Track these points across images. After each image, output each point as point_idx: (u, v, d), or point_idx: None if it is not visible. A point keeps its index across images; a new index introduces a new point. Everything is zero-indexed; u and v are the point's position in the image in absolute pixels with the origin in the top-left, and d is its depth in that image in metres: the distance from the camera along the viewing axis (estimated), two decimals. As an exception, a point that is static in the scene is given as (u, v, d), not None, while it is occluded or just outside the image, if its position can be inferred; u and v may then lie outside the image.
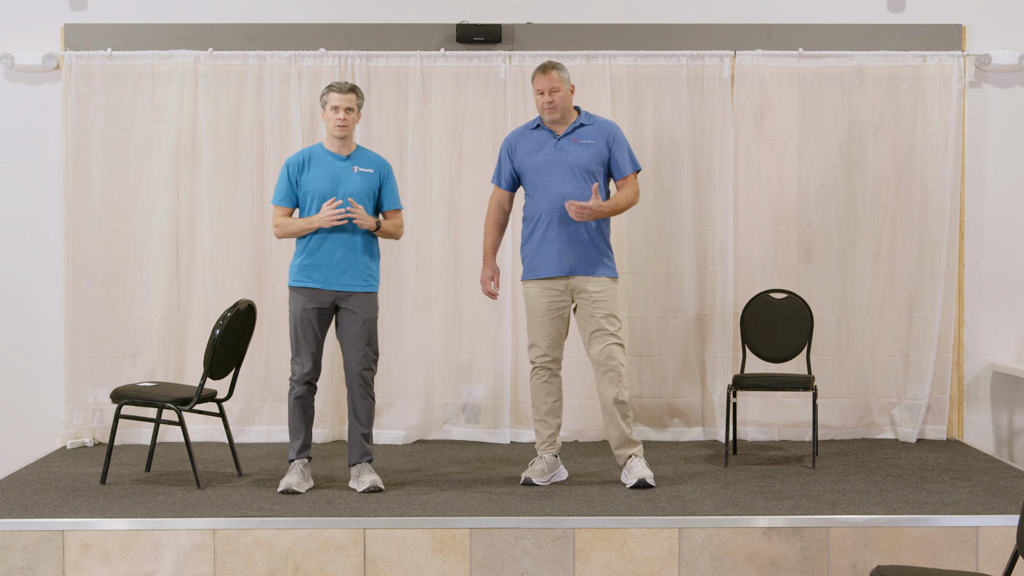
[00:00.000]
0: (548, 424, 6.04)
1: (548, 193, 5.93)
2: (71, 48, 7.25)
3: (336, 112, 5.84)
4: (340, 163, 5.90)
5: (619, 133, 6.04)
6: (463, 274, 7.34)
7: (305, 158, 5.93)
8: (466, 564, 5.25)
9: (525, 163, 6.02)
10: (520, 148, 6.05)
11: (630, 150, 6.05)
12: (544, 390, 6.03)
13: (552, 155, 5.96)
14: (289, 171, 5.92)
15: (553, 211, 5.92)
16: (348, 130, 5.87)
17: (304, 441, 5.95)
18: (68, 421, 7.22)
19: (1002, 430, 7.52)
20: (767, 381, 6.58)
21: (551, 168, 5.94)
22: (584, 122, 6.00)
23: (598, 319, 5.92)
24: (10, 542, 5.23)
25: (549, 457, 6.03)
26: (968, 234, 7.42)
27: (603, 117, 6.16)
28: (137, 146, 7.28)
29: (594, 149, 5.96)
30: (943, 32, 7.32)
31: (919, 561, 5.25)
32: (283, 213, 5.94)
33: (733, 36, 7.34)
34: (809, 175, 7.33)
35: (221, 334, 5.92)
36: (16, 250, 7.38)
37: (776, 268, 7.33)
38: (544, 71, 5.91)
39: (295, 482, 5.84)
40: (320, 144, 5.97)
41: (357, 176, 5.89)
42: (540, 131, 6.04)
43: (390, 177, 6.01)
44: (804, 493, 5.81)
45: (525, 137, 6.07)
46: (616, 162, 6.00)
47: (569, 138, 5.97)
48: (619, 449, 6.02)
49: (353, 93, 5.88)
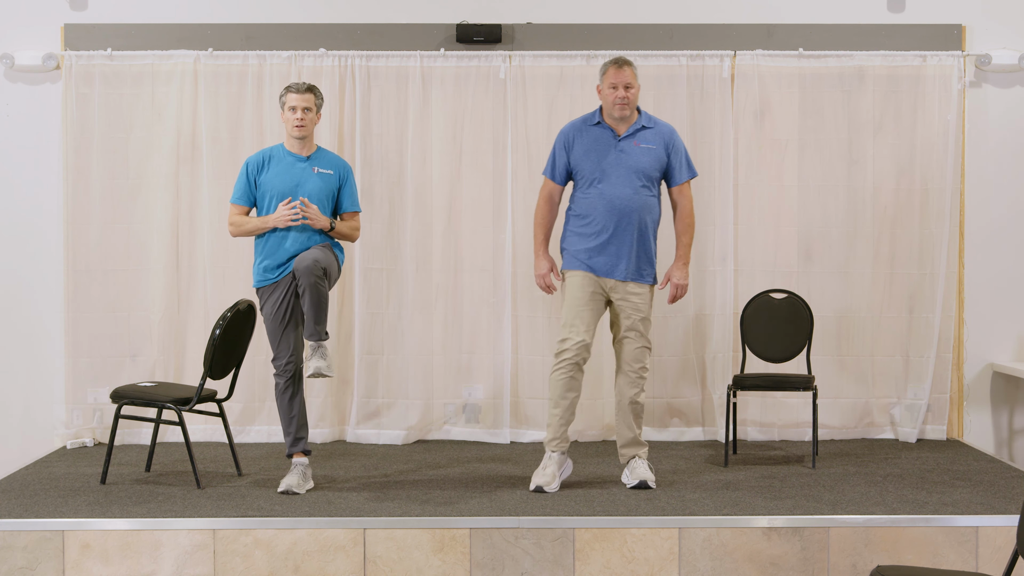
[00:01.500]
0: (565, 421, 5.91)
1: (605, 195, 5.87)
2: (71, 48, 7.25)
3: (294, 112, 5.83)
4: (300, 163, 5.90)
5: (677, 139, 6.00)
6: (463, 274, 7.34)
7: (265, 158, 5.93)
8: (466, 564, 5.25)
9: (583, 160, 5.93)
10: (579, 143, 5.97)
11: (688, 156, 6.02)
12: (567, 385, 5.87)
13: (613, 156, 5.89)
14: (248, 170, 5.92)
15: (610, 215, 5.86)
16: (306, 130, 5.87)
17: (297, 434, 5.93)
18: (68, 421, 7.22)
19: (1002, 430, 7.52)
20: (767, 381, 6.58)
21: (612, 170, 5.88)
22: (646, 124, 5.95)
23: (635, 321, 5.92)
24: (10, 542, 5.24)
25: (558, 456, 5.94)
26: (968, 234, 7.42)
27: (662, 120, 6.09)
28: (137, 146, 7.28)
29: (655, 155, 5.91)
30: (943, 32, 7.32)
31: (919, 561, 5.25)
32: (239, 211, 5.94)
33: (733, 36, 7.34)
34: (809, 175, 7.33)
35: (221, 334, 5.92)
36: (16, 250, 7.38)
37: (776, 268, 7.33)
38: (620, 65, 5.84)
39: (295, 483, 5.84)
40: (281, 144, 5.98)
41: (316, 177, 5.89)
42: (600, 128, 5.95)
43: (350, 179, 6.00)
44: (804, 493, 5.81)
45: (584, 132, 5.98)
46: (673, 169, 5.96)
47: (630, 140, 5.91)
48: (625, 448, 6.02)
49: (311, 93, 5.87)
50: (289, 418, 5.93)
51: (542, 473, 5.91)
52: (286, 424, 5.95)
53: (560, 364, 5.89)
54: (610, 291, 5.95)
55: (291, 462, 5.98)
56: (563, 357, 5.89)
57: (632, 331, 5.94)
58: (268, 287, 5.89)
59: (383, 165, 7.31)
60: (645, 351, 5.97)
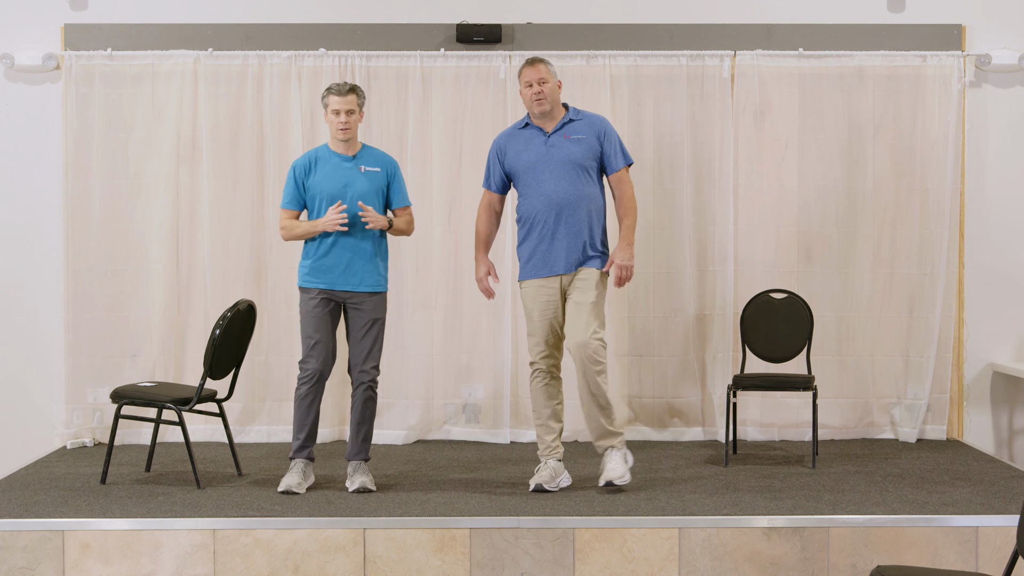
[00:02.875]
0: (551, 429, 5.95)
1: (542, 192, 5.85)
2: (71, 48, 7.25)
3: (338, 116, 5.82)
4: (346, 164, 5.89)
5: (609, 127, 5.96)
6: (463, 274, 7.34)
7: (311, 160, 5.92)
8: (466, 564, 5.25)
9: (516, 163, 5.94)
10: (510, 148, 5.98)
11: (621, 144, 5.98)
12: (545, 393, 5.94)
13: (543, 153, 5.88)
14: (296, 174, 5.91)
15: (549, 210, 5.84)
16: (351, 133, 5.85)
17: (305, 442, 5.94)
18: (68, 421, 7.22)
19: (1002, 430, 7.52)
20: (767, 381, 6.58)
21: (543, 166, 5.87)
22: (573, 117, 5.93)
23: (583, 308, 5.79)
24: (10, 542, 5.23)
25: (554, 463, 5.92)
26: (968, 234, 7.42)
27: (591, 112, 6.09)
28: (137, 146, 7.28)
29: (585, 144, 5.88)
30: (943, 32, 7.32)
31: (919, 561, 5.25)
32: (290, 216, 5.93)
33: (733, 36, 7.34)
34: (809, 175, 7.33)
35: (221, 334, 5.92)
36: (16, 250, 7.38)
37: (776, 268, 7.33)
38: (531, 63, 5.86)
39: (295, 483, 5.84)
40: (325, 145, 5.96)
41: (364, 176, 5.88)
42: (529, 129, 5.96)
43: (397, 174, 6.00)
44: (804, 493, 5.81)
45: (514, 137, 6.00)
46: (607, 157, 5.93)
47: (559, 134, 5.89)
48: (598, 441, 5.92)
49: (353, 94, 5.85)
50: (302, 424, 5.91)
51: (540, 473, 5.91)
52: (298, 429, 5.92)
53: (533, 374, 5.97)
54: (564, 287, 5.89)
55: (291, 462, 5.98)
56: (534, 367, 5.96)
57: (578, 316, 5.79)
58: (313, 290, 5.86)
59: (383, 165, 7.31)
60: (596, 339, 5.78)
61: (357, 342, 5.89)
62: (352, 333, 5.91)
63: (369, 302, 5.88)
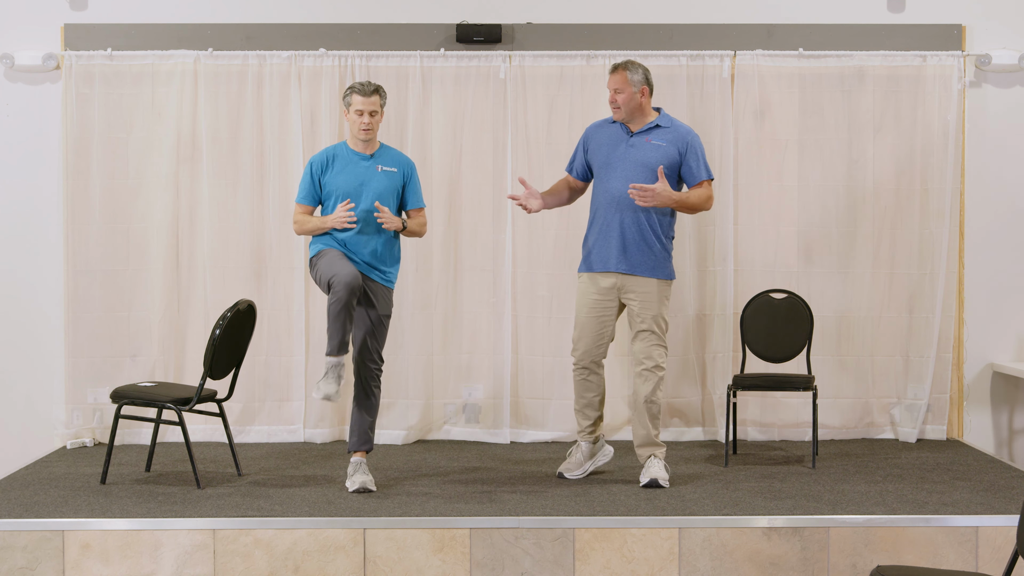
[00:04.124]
0: (587, 416, 6.13)
1: (608, 188, 5.93)
2: (71, 48, 7.25)
3: (360, 116, 5.81)
4: (364, 162, 5.89)
5: (695, 140, 6.00)
6: (463, 274, 7.34)
7: (329, 157, 5.92)
8: (466, 564, 5.25)
9: (595, 155, 6.03)
10: (594, 140, 6.06)
11: (705, 158, 6.02)
12: (583, 386, 6.10)
13: (622, 151, 5.95)
14: (313, 170, 5.91)
15: (610, 206, 5.91)
16: (372, 133, 5.86)
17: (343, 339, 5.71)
18: (68, 421, 7.22)
19: (1002, 430, 7.52)
20: (767, 381, 6.58)
21: (617, 163, 5.93)
22: (661, 123, 5.99)
23: (644, 318, 5.93)
24: (10, 542, 5.23)
25: (586, 446, 6.14)
26: (968, 234, 7.42)
27: (684, 124, 6.14)
28: (137, 146, 7.28)
29: (664, 152, 5.92)
30: (943, 32, 7.32)
31: (919, 561, 5.25)
32: (304, 211, 5.94)
33: (733, 36, 7.34)
34: (809, 175, 7.33)
35: (221, 334, 5.92)
36: (16, 250, 7.38)
37: (776, 268, 7.33)
38: (613, 70, 5.96)
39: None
40: (344, 143, 5.96)
41: (381, 175, 5.88)
42: (616, 126, 6.04)
43: (414, 175, 6.00)
44: (804, 493, 5.81)
45: (602, 130, 6.08)
46: (689, 168, 5.96)
47: (642, 136, 5.96)
48: (641, 448, 6.05)
49: (377, 95, 5.84)
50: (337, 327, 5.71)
51: (567, 462, 6.17)
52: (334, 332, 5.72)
53: (575, 367, 6.12)
54: (619, 290, 5.97)
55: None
56: (575, 363, 6.11)
57: (643, 331, 5.95)
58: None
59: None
60: (656, 348, 5.95)
61: (366, 337, 5.87)
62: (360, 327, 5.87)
63: (379, 294, 5.88)
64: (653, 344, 5.95)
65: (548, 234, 7.29)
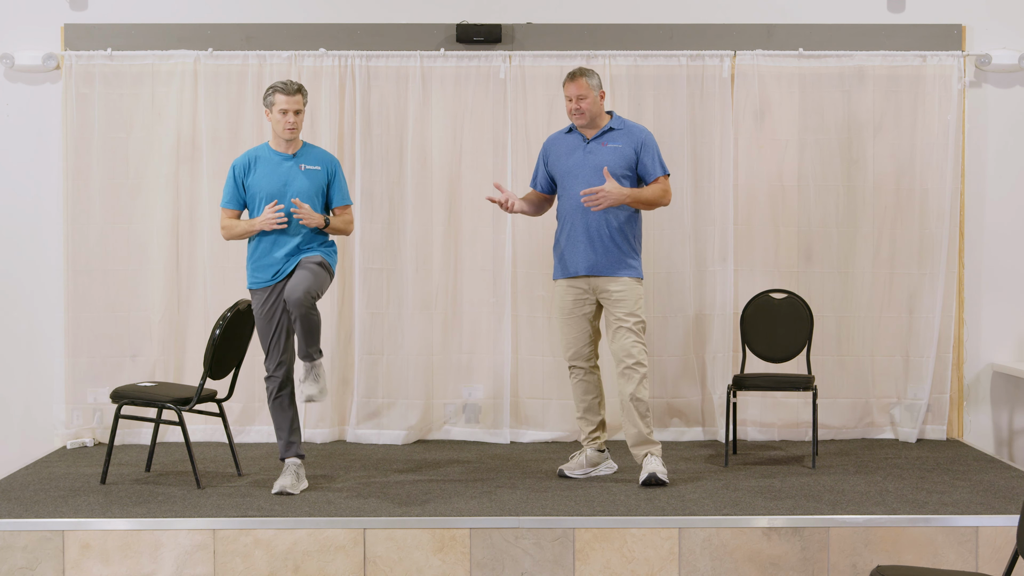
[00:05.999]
0: (589, 421, 6.18)
1: (572, 195, 6.01)
2: (71, 48, 7.25)
3: (285, 115, 5.79)
4: (286, 162, 5.87)
5: (649, 138, 6.07)
6: (463, 274, 7.34)
7: (251, 159, 5.90)
8: (466, 564, 5.25)
9: (556, 166, 6.13)
10: (553, 152, 6.17)
11: (659, 155, 6.08)
12: (581, 388, 6.16)
13: (580, 158, 6.04)
14: (235, 173, 5.90)
15: (575, 211, 6.00)
16: (296, 132, 5.85)
17: (289, 438, 5.92)
18: (68, 421, 7.22)
19: (1002, 430, 7.52)
20: (767, 381, 6.58)
21: (578, 171, 6.02)
22: (614, 126, 6.06)
23: (619, 316, 5.98)
24: (10, 542, 5.23)
25: (591, 452, 6.17)
26: (968, 234, 7.42)
27: (636, 123, 6.20)
28: (137, 146, 7.28)
29: (621, 153, 6.00)
30: (943, 32, 7.32)
31: (919, 561, 5.25)
32: (230, 215, 5.93)
33: (733, 36, 7.34)
34: (809, 175, 7.33)
35: (221, 334, 5.92)
36: (16, 250, 7.38)
37: (776, 268, 7.33)
38: (572, 78, 5.99)
39: (288, 484, 5.83)
40: (266, 144, 5.95)
41: (304, 175, 5.87)
42: (573, 135, 6.14)
43: (338, 173, 5.98)
44: (804, 493, 5.81)
45: (559, 141, 6.18)
46: (644, 166, 6.03)
47: (598, 142, 6.04)
48: (636, 447, 6.05)
49: (300, 94, 5.83)
50: (282, 422, 5.92)
51: (572, 460, 6.22)
52: (279, 428, 5.94)
53: (569, 370, 6.21)
54: (594, 291, 6.04)
55: (284, 463, 5.98)
56: (569, 365, 6.18)
57: (619, 328, 5.99)
58: (260, 290, 5.88)
59: (383, 165, 7.31)
60: (635, 345, 5.97)
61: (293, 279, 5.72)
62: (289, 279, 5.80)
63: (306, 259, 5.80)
64: (631, 341, 5.97)
65: (548, 234, 7.25)
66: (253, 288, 5.91)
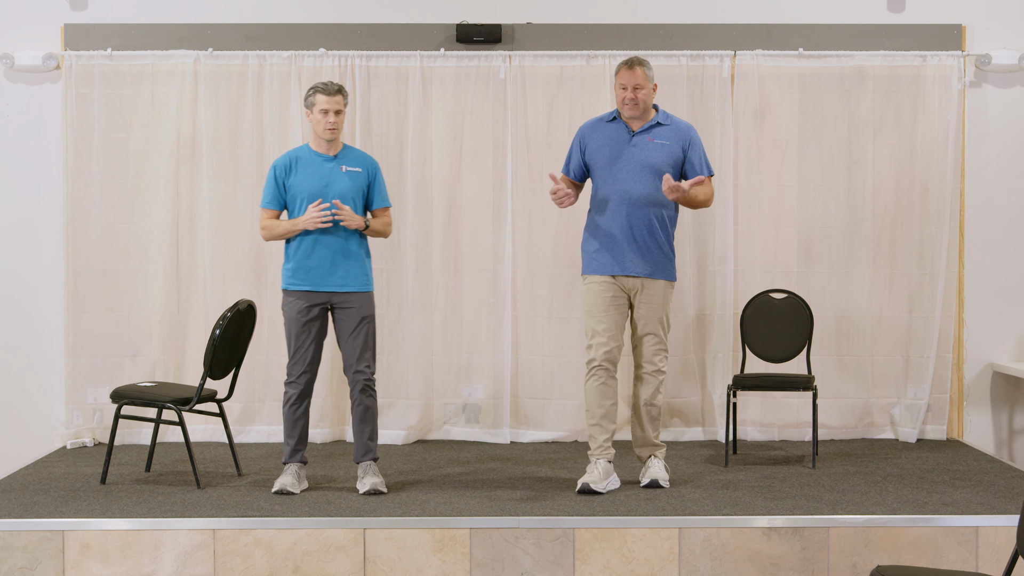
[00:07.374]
0: (604, 429, 5.86)
1: (616, 190, 5.82)
2: (71, 48, 7.25)
3: (325, 115, 5.78)
4: (328, 163, 5.87)
5: (695, 136, 5.92)
6: (463, 274, 7.34)
7: (292, 160, 5.89)
8: (466, 564, 5.25)
9: (596, 156, 5.90)
10: (592, 140, 5.93)
11: (705, 154, 5.94)
12: (600, 392, 5.85)
13: (625, 151, 5.84)
14: (276, 173, 5.88)
15: (620, 208, 5.80)
16: (338, 132, 5.83)
17: (296, 446, 5.91)
18: (68, 421, 7.22)
19: (1002, 430, 7.52)
20: (767, 381, 6.58)
21: (623, 164, 5.83)
22: (661, 121, 5.89)
23: (651, 321, 5.86)
24: (10, 542, 5.24)
25: (604, 463, 5.85)
26: (968, 234, 7.42)
27: (681, 119, 6.07)
28: (137, 146, 7.28)
29: (668, 150, 5.84)
30: (943, 32, 7.33)
31: (919, 561, 5.25)
32: (270, 215, 5.91)
33: (733, 36, 7.34)
34: (809, 175, 7.33)
35: (221, 334, 5.92)
36: (16, 250, 7.38)
37: (776, 268, 7.33)
38: (630, 67, 5.79)
39: (289, 483, 5.83)
40: (306, 145, 5.94)
41: (345, 176, 5.86)
42: (615, 124, 5.92)
43: (378, 175, 5.98)
44: (804, 493, 5.81)
45: (599, 129, 5.94)
46: (691, 164, 5.87)
47: (644, 136, 5.86)
48: (640, 448, 6.02)
49: (341, 95, 5.82)
50: (292, 430, 5.89)
51: (590, 474, 5.84)
52: (288, 435, 5.91)
53: (590, 372, 5.87)
54: (629, 291, 5.88)
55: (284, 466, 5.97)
56: (592, 364, 5.86)
57: (649, 334, 5.88)
58: (298, 292, 5.83)
59: (383, 165, 7.29)
60: (659, 353, 5.90)
61: (349, 342, 5.85)
62: (342, 335, 5.88)
63: (356, 300, 5.85)
64: (657, 348, 5.90)
65: (548, 234, 7.29)
66: (290, 289, 5.86)
